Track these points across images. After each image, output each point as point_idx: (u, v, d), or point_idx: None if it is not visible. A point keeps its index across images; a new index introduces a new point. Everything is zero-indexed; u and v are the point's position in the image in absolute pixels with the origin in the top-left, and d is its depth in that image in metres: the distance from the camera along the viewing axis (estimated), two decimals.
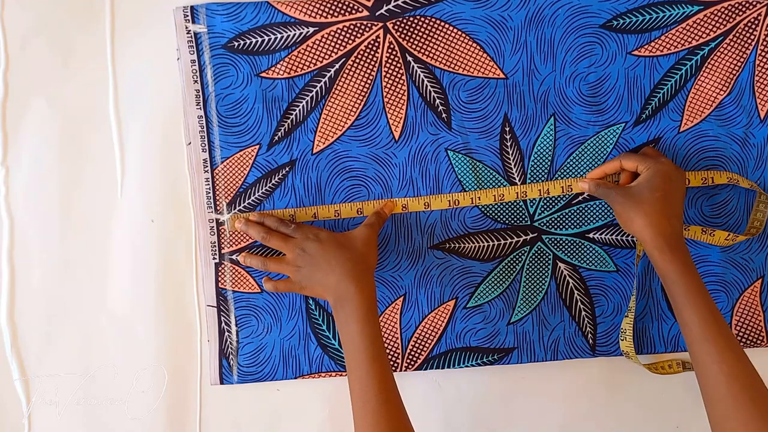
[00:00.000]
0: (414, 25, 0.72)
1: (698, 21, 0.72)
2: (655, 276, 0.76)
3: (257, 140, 0.74)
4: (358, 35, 0.72)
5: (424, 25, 0.72)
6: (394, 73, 0.73)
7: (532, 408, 0.78)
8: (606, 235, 0.76)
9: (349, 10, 0.72)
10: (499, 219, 0.75)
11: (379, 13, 0.72)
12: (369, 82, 0.73)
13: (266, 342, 0.76)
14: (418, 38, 0.73)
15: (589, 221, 0.75)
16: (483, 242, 0.76)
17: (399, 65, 0.73)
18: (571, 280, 0.76)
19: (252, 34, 0.72)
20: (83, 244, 0.76)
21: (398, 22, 0.72)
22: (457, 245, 0.76)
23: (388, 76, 0.73)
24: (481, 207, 0.75)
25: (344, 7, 0.72)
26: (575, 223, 0.75)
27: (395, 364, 0.76)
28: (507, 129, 0.74)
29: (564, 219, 0.75)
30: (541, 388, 0.78)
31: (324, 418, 0.78)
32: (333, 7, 0.72)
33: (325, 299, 0.71)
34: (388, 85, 0.73)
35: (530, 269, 0.76)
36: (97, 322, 0.77)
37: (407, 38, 0.73)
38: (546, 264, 0.76)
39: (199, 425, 0.78)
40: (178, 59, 0.73)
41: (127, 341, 0.77)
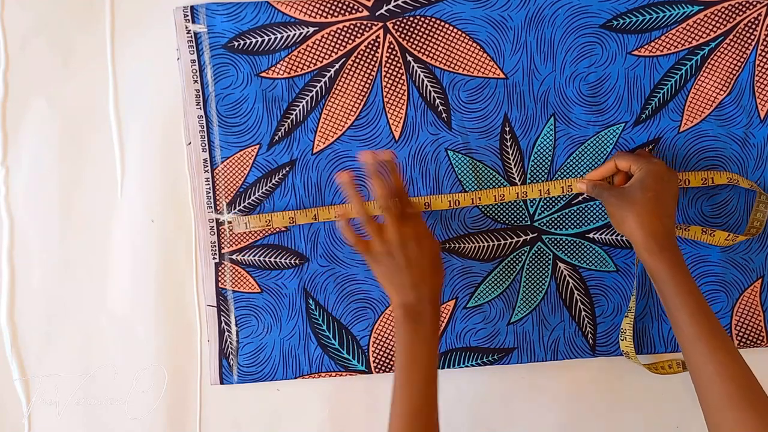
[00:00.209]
0: (414, 25, 0.72)
1: (698, 21, 0.72)
2: None
3: (257, 140, 0.74)
4: (358, 35, 0.72)
5: (424, 25, 0.72)
6: (394, 73, 0.73)
7: (532, 408, 0.78)
8: (606, 235, 0.76)
9: (349, 10, 0.72)
10: (499, 219, 0.75)
11: (379, 13, 0.72)
12: (369, 82, 0.73)
13: (266, 342, 0.76)
14: (418, 38, 0.73)
15: (589, 221, 0.75)
16: (483, 242, 0.76)
17: (399, 65, 0.73)
18: (571, 280, 0.76)
19: (252, 34, 0.72)
20: (83, 244, 0.76)
21: (398, 22, 0.72)
22: (457, 245, 0.76)
23: (388, 76, 0.73)
24: (481, 207, 0.75)
25: (344, 7, 0.72)
26: (575, 223, 0.75)
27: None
28: (507, 129, 0.74)
29: (564, 219, 0.75)
30: (541, 388, 0.78)
31: (324, 418, 0.78)
32: (333, 7, 0.72)
33: (390, 296, 0.68)
34: (388, 85, 0.73)
35: (530, 269, 0.76)
36: (97, 322, 0.77)
37: (407, 38, 0.73)
38: (546, 264, 0.76)
39: (199, 425, 0.78)
40: (178, 59, 0.73)
41: (127, 341, 0.77)
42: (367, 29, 0.72)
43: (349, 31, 0.72)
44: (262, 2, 0.72)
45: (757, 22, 0.72)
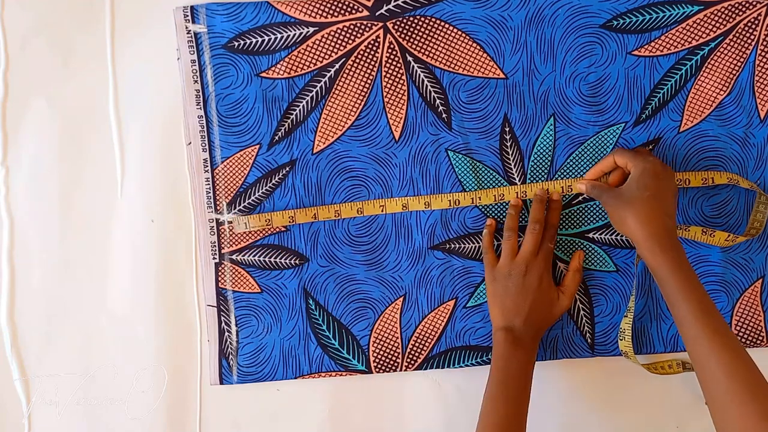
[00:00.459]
0: (414, 25, 0.72)
1: (698, 21, 0.72)
2: None
3: (257, 140, 0.74)
4: (358, 35, 0.72)
5: (424, 25, 0.72)
6: (394, 73, 0.73)
7: (532, 407, 0.77)
8: (606, 235, 0.76)
9: (349, 10, 0.72)
10: (499, 219, 0.75)
11: (379, 13, 0.72)
12: (369, 82, 0.73)
13: (266, 342, 0.76)
14: (418, 38, 0.73)
15: (589, 221, 0.75)
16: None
17: (399, 65, 0.73)
18: None
19: (252, 34, 0.72)
20: (83, 244, 0.76)
21: (398, 22, 0.72)
22: (457, 245, 0.76)
23: (388, 76, 0.73)
24: (481, 207, 0.75)
25: (344, 7, 0.72)
26: (575, 223, 0.75)
27: (395, 364, 0.76)
28: (507, 129, 0.74)
29: (564, 219, 0.75)
30: (541, 387, 0.77)
31: (324, 418, 0.78)
32: (333, 7, 0.72)
33: (493, 318, 0.72)
34: (388, 85, 0.73)
35: None
36: (97, 322, 0.77)
37: (407, 38, 0.73)
38: None
39: (199, 425, 0.78)
40: (178, 59, 0.73)
41: (127, 341, 0.77)
42: (367, 29, 0.72)
43: (349, 31, 0.72)
44: (262, 2, 0.72)
45: (757, 22, 0.73)
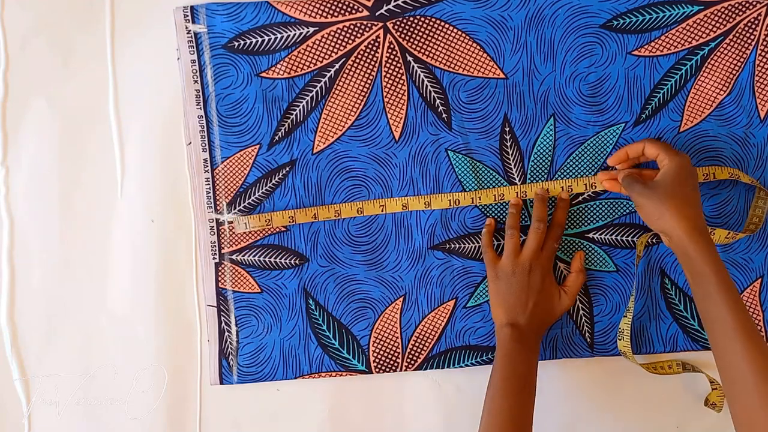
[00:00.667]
0: (414, 25, 0.72)
1: (698, 21, 0.72)
2: (655, 275, 0.76)
3: (257, 140, 0.74)
4: (358, 35, 0.72)
5: (424, 25, 0.72)
6: (394, 73, 0.73)
7: None
8: (606, 235, 0.76)
9: (349, 10, 0.72)
10: (499, 219, 0.75)
11: (379, 13, 0.72)
12: (369, 82, 0.73)
13: (266, 342, 0.76)
14: (418, 38, 0.73)
15: (589, 221, 0.75)
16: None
17: (399, 65, 0.73)
18: None
19: (252, 34, 0.72)
20: (83, 244, 0.76)
21: (398, 22, 0.72)
22: (457, 245, 0.76)
23: (388, 76, 0.73)
24: (481, 207, 0.75)
25: (344, 7, 0.72)
26: (575, 223, 0.76)
27: (395, 364, 0.76)
28: (507, 129, 0.74)
29: None
30: (540, 387, 0.77)
31: (324, 418, 0.78)
32: (333, 7, 0.72)
33: (496, 316, 0.72)
34: (388, 85, 0.73)
35: None
36: (97, 322, 0.77)
37: (407, 38, 0.73)
38: None
39: (199, 425, 0.78)
40: (178, 59, 0.73)
41: (127, 341, 0.77)
42: (367, 29, 0.72)
43: (349, 31, 0.72)
44: (262, 2, 0.72)
45: (757, 22, 0.73)
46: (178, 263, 0.76)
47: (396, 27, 0.72)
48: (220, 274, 0.76)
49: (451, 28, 0.72)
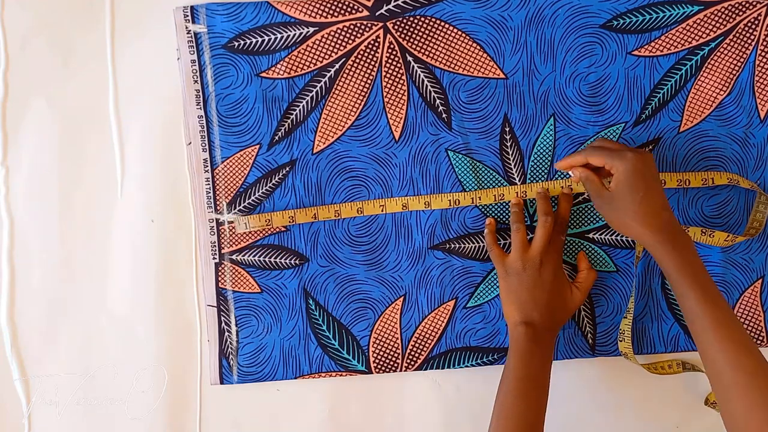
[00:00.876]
0: (414, 25, 0.72)
1: (698, 21, 0.72)
2: (655, 276, 0.76)
3: (257, 140, 0.74)
4: (358, 35, 0.72)
5: (424, 25, 0.72)
6: (394, 73, 0.73)
7: None
8: (606, 236, 0.76)
9: (349, 10, 0.72)
10: (499, 219, 0.75)
11: (379, 13, 0.72)
12: (369, 82, 0.73)
13: (266, 342, 0.76)
14: (418, 38, 0.73)
15: (589, 221, 0.75)
16: (483, 242, 0.75)
17: (399, 65, 0.73)
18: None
19: (252, 34, 0.72)
20: (83, 244, 0.76)
21: (398, 22, 0.72)
22: (457, 245, 0.76)
23: (388, 76, 0.73)
24: (480, 207, 0.75)
25: (344, 7, 0.72)
26: (575, 223, 0.75)
27: (395, 364, 0.76)
28: (507, 129, 0.74)
29: None
30: None
31: (324, 418, 0.78)
32: (333, 7, 0.72)
33: (508, 314, 0.70)
34: (388, 85, 0.73)
35: None
36: (97, 322, 0.77)
37: (407, 38, 0.73)
38: None
39: (199, 425, 0.78)
40: (178, 59, 0.73)
41: (127, 341, 0.77)
42: (367, 29, 0.72)
43: (349, 31, 0.72)
44: (262, 2, 0.72)
45: (757, 22, 0.73)
46: (178, 263, 0.76)
47: (396, 27, 0.72)
48: (220, 274, 0.76)
49: (451, 28, 0.72)
